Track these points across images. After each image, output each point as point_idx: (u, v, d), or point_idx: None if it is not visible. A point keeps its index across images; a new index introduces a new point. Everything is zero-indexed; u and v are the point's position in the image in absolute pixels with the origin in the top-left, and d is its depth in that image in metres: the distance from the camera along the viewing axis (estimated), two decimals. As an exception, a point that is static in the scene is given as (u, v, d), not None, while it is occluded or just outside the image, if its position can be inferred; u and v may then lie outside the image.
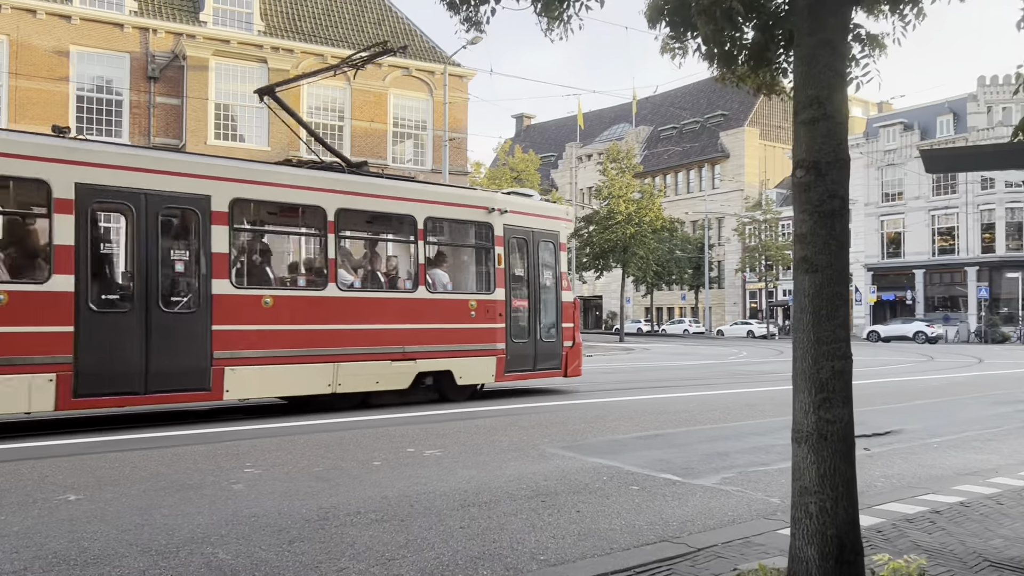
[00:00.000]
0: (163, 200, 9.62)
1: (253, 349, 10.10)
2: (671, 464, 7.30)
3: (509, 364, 12.77)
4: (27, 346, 8.52)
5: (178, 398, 9.78)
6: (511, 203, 13.28)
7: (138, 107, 25.91)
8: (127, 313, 9.33)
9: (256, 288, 10.50)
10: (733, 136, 69.20)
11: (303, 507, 5.53)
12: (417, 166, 30.51)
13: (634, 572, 4.21)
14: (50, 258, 8.81)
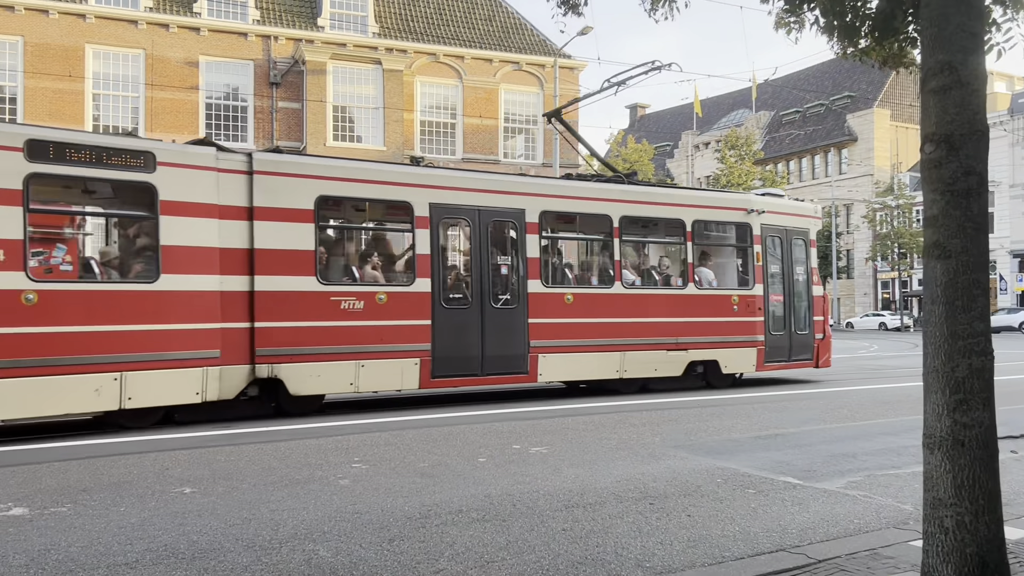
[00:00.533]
0: (491, 214, 11.62)
1: (559, 339, 11.87)
2: (791, 466, 6.87)
3: (768, 355, 13.88)
4: (401, 336, 10.62)
5: (505, 380, 11.70)
6: (766, 204, 14.28)
7: (261, 112, 27.01)
8: (468, 309, 11.31)
9: (560, 287, 12.21)
10: (861, 118, 65.76)
11: (406, 504, 5.49)
12: (528, 160, 30.48)
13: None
14: (413, 265, 10.90)
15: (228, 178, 9.72)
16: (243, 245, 9.73)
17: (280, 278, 9.89)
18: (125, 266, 9.51)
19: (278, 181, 10.01)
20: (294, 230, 10.04)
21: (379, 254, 11.17)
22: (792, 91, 72.50)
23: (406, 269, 11.08)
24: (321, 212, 10.38)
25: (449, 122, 29.53)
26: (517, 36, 30.94)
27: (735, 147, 45.57)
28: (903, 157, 64.82)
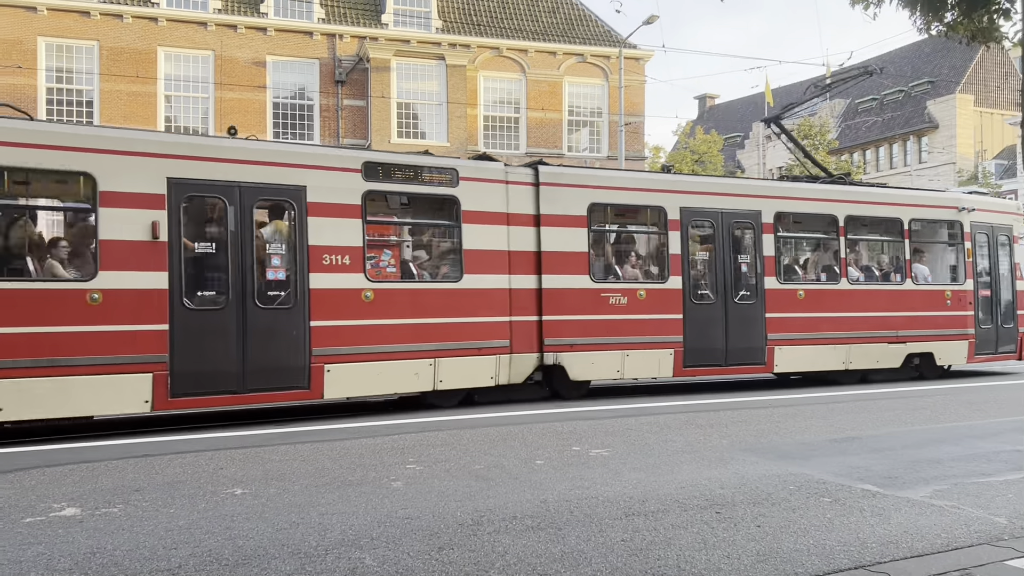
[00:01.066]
0: (732, 216, 12.59)
1: (792, 332, 12.77)
2: (870, 472, 6.42)
3: (978, 347, 14.35)
4: (658, 329, 11.82)
5: (745, 370, 12.70)
6: (975, 202, 14.91)
7: (327, 110, 27.26)
8: (713, 304, 12.34)
9: (792, 283, 13.07)
10: (943, 104, 63.05)
11: (458, 509, 5.28)
12: (593, 154, 30.06)
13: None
14: (667, 264, 12.04)
15: (516, 189, 11.18)
16: (530, 248, 11.17)
17: (561, 277, 11.28)
18: (435, 268, 11.03)
19: (559, 191, 11.40)
20: (572, 234, 11.44)
21: (637, 254, 12.60)
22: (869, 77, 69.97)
23: (660, 267, 12.23)
24: (592, 217, 11.67)
25: (512, 116, 29.31)
26: (581, 27, 30.51)
27: (808, 136, 44.09)
28: (988, 144, 61.92)
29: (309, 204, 9.63)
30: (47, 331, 8.19)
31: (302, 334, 9.46)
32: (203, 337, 8.92)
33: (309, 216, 9.63)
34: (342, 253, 9.77)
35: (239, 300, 9.11)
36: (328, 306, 9.62)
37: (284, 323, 9.41)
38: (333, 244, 9.71)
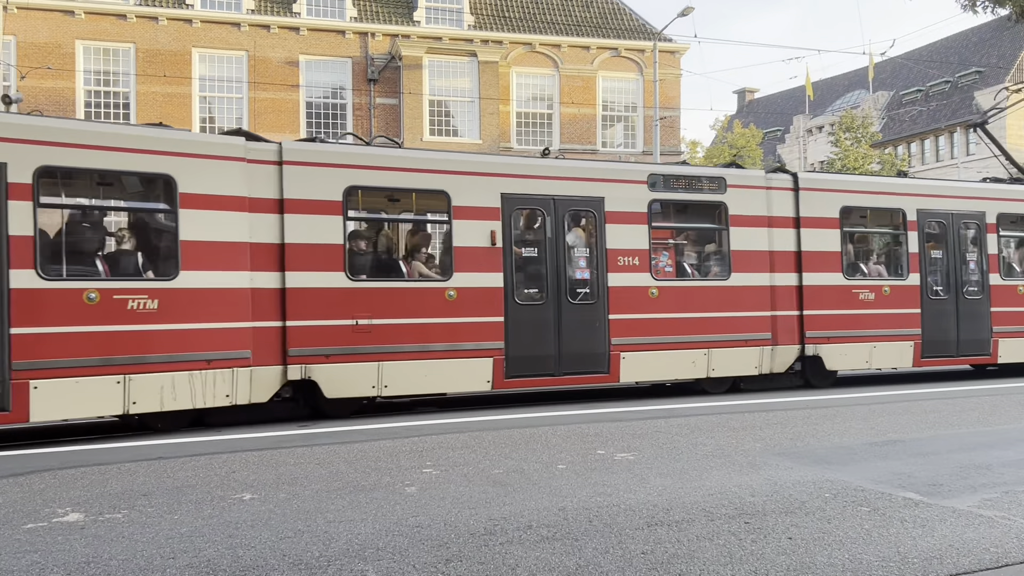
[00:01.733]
0: (961, 217, 13.50)
1: (1014, 325, 13.57)
2: (913, 479, 6.03)
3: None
4: (900, 323, 12.75)
5: (972, 361, 13.58)
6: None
7: (360, 109, 27.24)
8: (946, 300, 13.33)
9: (1013, 279, 13.91)
10: (991, 95, 61.21)
11: (471, 517, 5.03)
12: (628, 149, 29.63)
13: (855, 635, 3.26)
14: (906, 262, 13.06)
15: (776, 194, 12.34)
16: (790, 248, 12.29)
17: (819, 275, 12.40)
18: (706, 268, 12.18)
19: (816, 196, 12.54)
20: (827, 235, 12.57)
21: (878, 252, 13.72)
22: (913, 68, 68.48)
23: (900, 265, 13.21)
24: (844, 219, 12.77)
25: (545, 112, 29.03)
26: (615, 21, 30.11)
27: (850, 129, 43.11)
28: (1039, 135, 59.98)
29: (607, 213, 11.20)
30: (417, 322, 9.96)
31: (603, 326, 10.95)
32: (529, 328, 10.56)
33: (607, 223, 11.18)
34: (633, 255, 11.27)
35: (555, 296, 10.77)
36: (623, 301, 11.09)
37: (589, 316, 10.95)
38: (626, 247, 11.19)
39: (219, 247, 8.94)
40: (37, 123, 8.19)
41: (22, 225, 7.84)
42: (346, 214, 9.84)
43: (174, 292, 8.65)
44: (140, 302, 8.44)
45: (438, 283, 10.21)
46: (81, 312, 8.11)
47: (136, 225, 9.28)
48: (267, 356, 9.20)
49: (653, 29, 29.92)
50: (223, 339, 8.91)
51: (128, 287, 8.51)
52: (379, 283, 10.08)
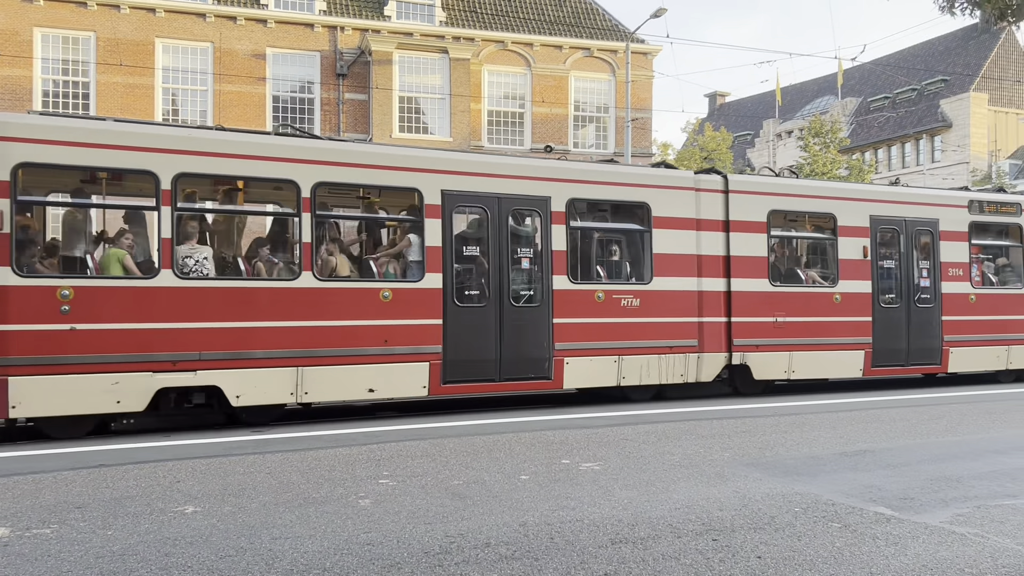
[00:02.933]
0: None
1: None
2: (884, 492, 5.87)
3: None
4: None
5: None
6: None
7: (328, 104, 26.78)
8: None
9: None
10: (956, 103, 62.11)
11: (427, 534, 4.77)
12: (599, 150, 29.47)
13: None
14: None
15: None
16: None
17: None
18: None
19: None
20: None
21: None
22: (881, 75, 69.26)
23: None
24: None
25: (517, 111, 28.77)
26: (588, 21, 29.93)
27: (819, 135, 43.36)
28: (1002, 144, 60.99)
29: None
30: (811, 320, 12.32)
31: None
32: None
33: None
34: None
35: None
36: None
37: None
38: None
39: (677, 258, 11.49)
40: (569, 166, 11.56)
41: (559, 242, 10.69)
42: (769, 232, 12.30)
43: (649, 293, 11.21)
44: (628, 300, 11.05)
45: (827, 288, 12.64)
46: (593, 307, 10.78)
47: (624, 241, 11.71)
48: (713, 345, 11.69)
49: (626, 30, 29.78)
50: (680, 331, 11.40)
51: (621, 289, 11.16)
52: (790, 288, 12.45)
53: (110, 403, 8.33)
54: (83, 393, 8.19)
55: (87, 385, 8.21)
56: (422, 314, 9.59)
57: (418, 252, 9.78)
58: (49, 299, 8.05)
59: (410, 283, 9.78)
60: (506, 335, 10.17)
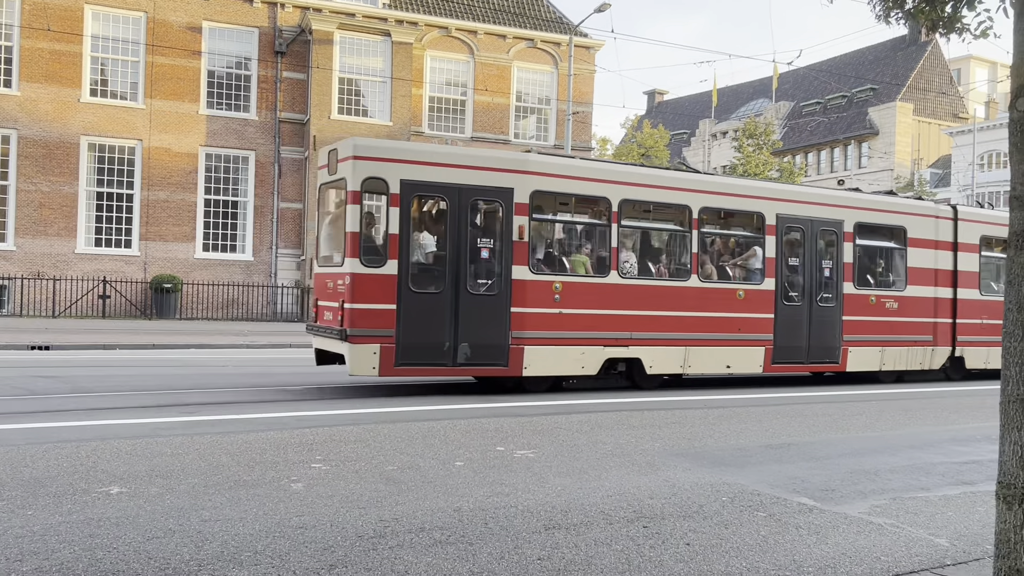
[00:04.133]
0: None
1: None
2: (807, 484, 6.08)
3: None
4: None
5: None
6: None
7: (265, 82, 26.20)
8: None
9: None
10: (883, 111, 64.37)
11: (360, 518, 4.74)
12: (539, 142, 29.59)
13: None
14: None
15: None
16: None
17: None
18: None
19: None
20: None
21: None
22: (814, 81, 71.23)
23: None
24: None
25: (459, 99, 28.64)
26: (532, 11, 29.96)
27: (753, 136, 44.40)
28: (924, 153, 63.48)
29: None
30: None
31: None
32: None
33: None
34: None
35: None
36: None
37: None
38: None
39: (922, 271, 14.17)
40: None
41: (848, 256, 13.60)
42: (980, 253, 14.96)
43: (904, 298, 13.98)
44: (891, 304, 13.85)
45: None
46: (869, 308, 13.62)
47: (888, 256, 14.32)
48: (943, 340, 14.39)
49: (570, 23, 29.92)
50: (921, 329, 14.09)
51: (887, 294, 13.90)
52: (993, 297, 14.79)
53: (578, 368, 11.07)
54: (564, 359, 10.94)
55: (567, 354, 10.92)
56: (761, 310, 12.46)
57: (760, 261, 12.66)
58: (547, 291, 10.78)
59: (754, 285, 12.64)
60: (813, 327, 13.01)
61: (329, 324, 10.26)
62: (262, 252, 26.65)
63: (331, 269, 10.56)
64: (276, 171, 26.50)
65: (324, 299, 10.57)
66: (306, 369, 13.23)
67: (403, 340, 9.82)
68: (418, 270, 10.18)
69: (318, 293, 10.89)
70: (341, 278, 10.03)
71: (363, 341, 9.70)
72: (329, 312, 10.32)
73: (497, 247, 10.46)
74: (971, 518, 5.34)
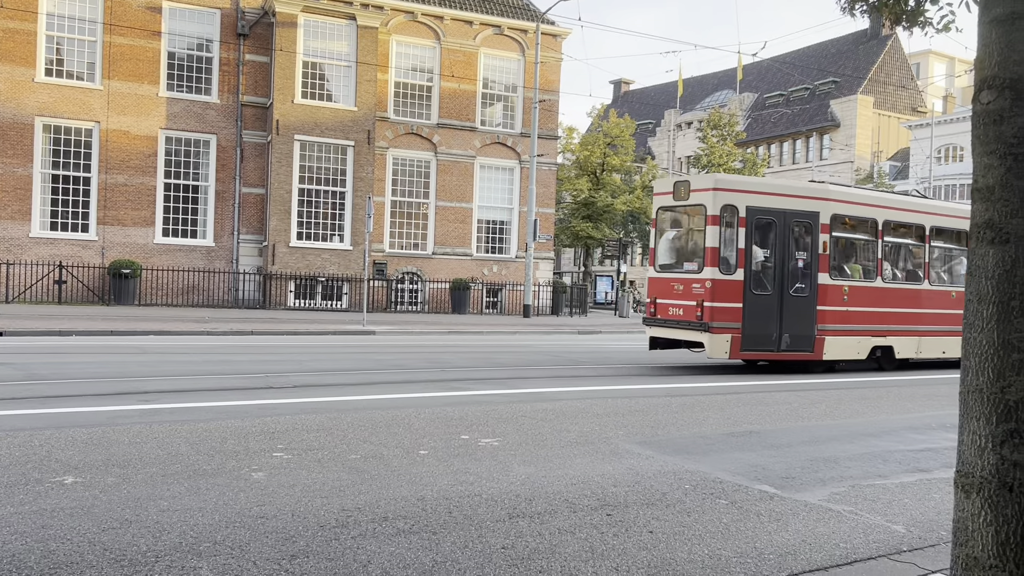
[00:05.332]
0: None
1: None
2: (768, 472, 6.16)
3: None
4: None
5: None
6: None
7: (227, 64, 25.75)
8: None
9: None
10: (845, 104, 65.26)
11: (323, 507, 4.69)
12: (506, 129, 29.50)
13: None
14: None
15: None
16: None
17: None
18: None
19: None
20: None
21: None
22: (777, 73, 71.90)
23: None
24: None
25: (425, 85, 28.43)
26: (499, -2, 29.79)
27: (717, 127, 44.74)
28: (884, 146, 64.53)
29: None
30: None
31: None
32: None
33: None
34: None
35: None
36: None
37: None
38: None
39: None
40: None
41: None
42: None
43: None
44: None
45: None
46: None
47: None
48: None
49: (537, 10, 29.82)
50: None
51: None
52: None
53: (854, 353, 13.96)
54: (848, 347, 13.83)
55: (850, 343, 13.82)
56: None
57: (963, 267, 14.78)
58: (839, 293, 13.61)
59: (962, 287, 14.75)
60: None
61: (677, 318, 13.22)
62: (223, 238, 26.26)
63: (679, 275, 13.52)
64: (238, 155, 26.09)
65: (669, 298, 13.47)
66: (270, 356, 13.08)
67: (747, 331, 12.69)
68: (756, 276, 12.87)
69: (659, 294, 13.75)
70: (698, 282, 12.89)
71: (720, 332, 12.62)
72: (676, 309, 13.29)
73: (807, 258, 13.33)
74: (927, 505, 5.44)
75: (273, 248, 25.46)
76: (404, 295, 28.50)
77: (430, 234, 28.87)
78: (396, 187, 28.40)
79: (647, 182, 47.34)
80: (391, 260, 28.27)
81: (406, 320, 23.37)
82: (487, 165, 29.38)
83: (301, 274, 25.76)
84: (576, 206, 44.76)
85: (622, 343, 20.29)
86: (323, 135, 25.71)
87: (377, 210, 27.24)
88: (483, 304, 29.68)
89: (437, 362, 13.17)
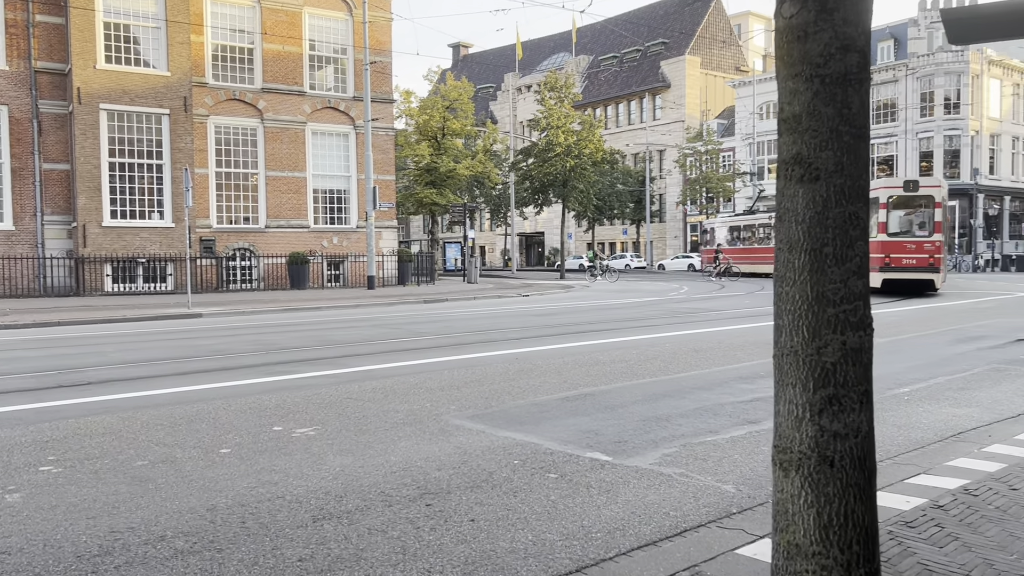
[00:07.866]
0: None
1: None
2: (600, 437, 5.90)
3: None
4: None
5: None
6: None
7: (15, 26, 23.06)
8: None
9: None
10: (674, 65, 67.48)
11: (87, 531, 3.97)
12: (338, 93, 28.23)
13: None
14: None
15: None
16: None
17: None
18: None
19: None
20: None
21: None
22: (611, 35, 73.27)
23: None
24: None
25: (246, 47, 26.66)
26: (322, -45, 28.30)
27: (554, 88, 44.95)
28: (711, 104, 67.35)
29: None
30: None
31: None
32: None
33: None
34: None
35: None
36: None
37: None
38: None
39: None
40: None
41: None
42: None
43: None
44: None
45: None
46: None
47: None
48: None
49: (363, -32, 28.56)
50: None
51: None
52: None
53: None
54: None
55: None
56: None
57: None
58: None
59: None
60: None
61: (911, 266, 21.56)
62: (24, 220, 23.73)
63: (912, 239, 21.75)
64: (35, 128, 23.53)
65: (903, 253, 21.63)
66: (70, 350, 11.74)
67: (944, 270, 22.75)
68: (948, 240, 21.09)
69: (892, 251, 21.46)
70: (930, 243, 21.64)
71: (940, 272, 20.93)
72: (910, 259, 21.59)
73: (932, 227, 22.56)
74: (756, 459, 5.35)
75: (84, 229, 23.24)
76: (237, 273, 26.90)
77: (262, 206, 27.32)
78: (221, 157, 26.61)
79: (489, 146, 47.03)
80: (220, 236, 26.55)
81: (239, 300, 21.98)
82: (320, 131, 28.05)
83: (118, 256, 23.70)
84: (419, 172, 43.90)
85: (469, 309, 19.94)
86: (133, 103, 23.60)
87: (200, 183, 25.43)
88: (324, 278, 28.53)
89: (264, 344, 12.28)
